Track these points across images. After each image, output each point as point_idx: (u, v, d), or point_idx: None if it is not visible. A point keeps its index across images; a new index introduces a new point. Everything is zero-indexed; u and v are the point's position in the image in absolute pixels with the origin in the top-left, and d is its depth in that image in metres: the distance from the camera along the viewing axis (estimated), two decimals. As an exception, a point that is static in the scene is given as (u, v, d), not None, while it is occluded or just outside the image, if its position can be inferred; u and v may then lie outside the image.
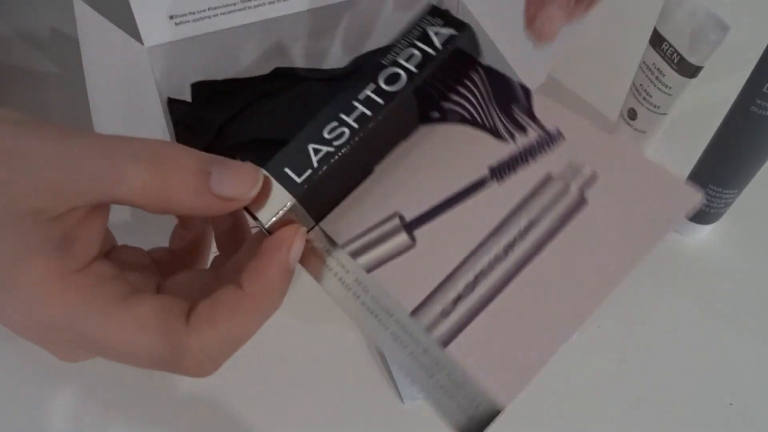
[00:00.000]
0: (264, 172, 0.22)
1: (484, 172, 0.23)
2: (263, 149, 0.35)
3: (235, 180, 0.21)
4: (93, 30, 0.30)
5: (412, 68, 0.23)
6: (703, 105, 0.38)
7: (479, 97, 0.24)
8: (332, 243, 0.23)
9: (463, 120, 0.24)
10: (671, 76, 0.36)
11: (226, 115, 0.36)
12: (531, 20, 0.24)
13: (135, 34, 0.33)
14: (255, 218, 0.22)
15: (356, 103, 0.23)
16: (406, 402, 0.32)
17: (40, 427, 0.31)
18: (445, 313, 0.21)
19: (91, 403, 0.31)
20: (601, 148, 0.22)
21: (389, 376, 0.33)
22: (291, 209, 0.22)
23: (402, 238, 0.22)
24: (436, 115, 0.24)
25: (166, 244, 0.25)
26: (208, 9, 0.34)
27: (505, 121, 0.23)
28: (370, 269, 0.22)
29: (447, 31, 0.23)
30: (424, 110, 0.24)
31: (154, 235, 0.26)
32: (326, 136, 0.23)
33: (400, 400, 0.32)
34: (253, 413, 0.32)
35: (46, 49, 0.45)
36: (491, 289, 0.21)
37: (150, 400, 0.32)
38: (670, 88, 0.36)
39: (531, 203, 0.22)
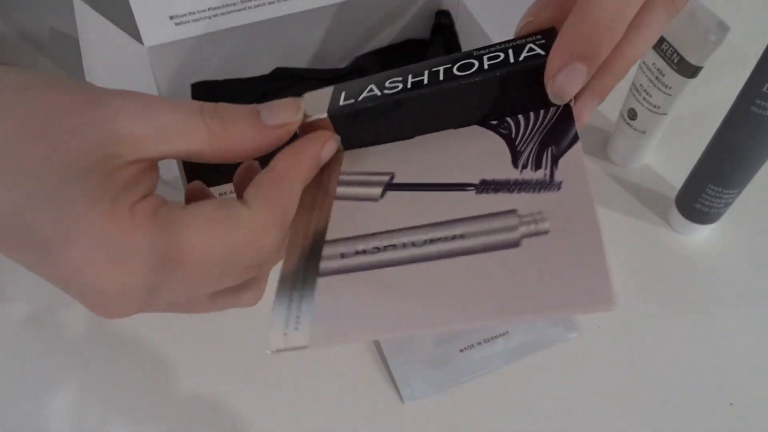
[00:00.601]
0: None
1: (474, 179, 0.23)
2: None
3: (280, 110, 0.23)
4: (93, 30, 0.30)
5: (486, 65, 0.23)
6: (703, 105, 0.38)
7: (534, 125, 0.24)
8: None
9: (500, 133, 0.24)
10: (671, 76, 0.36)
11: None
12: (552, 74, 0.22)
13: (135, 34, 0.33)
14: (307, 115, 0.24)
15: (426, 70, 0.24)
16: (406, 402, 0.32)
17: (40, 427, 0.31)
18: (343, 256, 0.22)
19: (91, 403, 0.31)
20: (575, 216, 0.21)
21: (389, 376, 0.33)
22: (323, 120, 0.24)
23: (375, 191, 0.24)
24: (493, 122, 0.25)
25: None
26: (208, 9, 0.34)
27: (532, 154, 0.23)
28: (337, 197, 0.24)
29: (539, 50, 0.23)
30: (487, 114, 0.24)
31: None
32: (387, 84, 0.24)
33: (400, 400, 0.32)
34: (253, 413, 0.32)
35: (46, 49, 0.45)
36: (386, 262, 0.22)
37: (150, 400, 0.32)
38: (670, 88, 0.36)
39: (479, 221, 0.22)
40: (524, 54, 0.23)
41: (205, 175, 0.35)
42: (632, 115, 0.39)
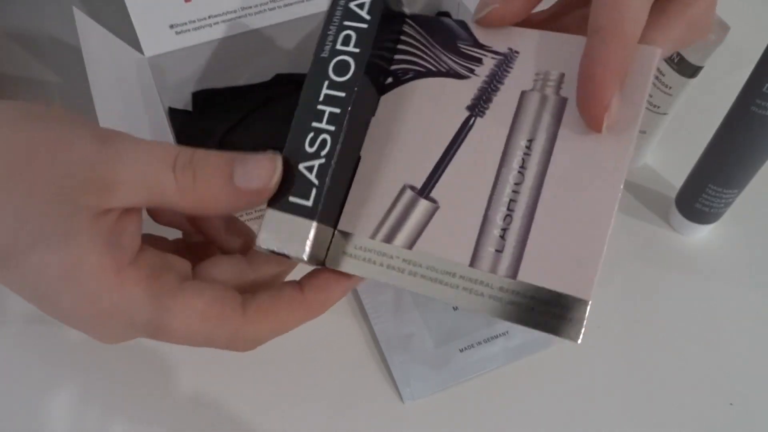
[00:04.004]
0: (281, 163, 0.23)
1: (463, 114, 0.23)
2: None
3: (255, 172, 0.22)
4: (94, 40, 0.30)
5: (354, 49, 0.23)
6: (703, 105, 0.38)
7: (422, 47, 0.24)
8: (360, 240, 0.24)
9: (418, 75, 0.24)
10: (671, 76, 0.36)
11: (228, 123, 0.37)
12: (605, 109, 0.21)
13: (135, 44, 0.34)
14: (290, 257, 0.23)
15: (321, 107, 0.23)
16: (406, 402, 0.33)
17: (40, 427, 0.31)
18: (499, 250, 0.22)
19: (91, 403, 0.32)
20: (555, 48, 0.23)
21: (389, 376, 0.33)
22: (317, 232, 0.23)
23: (423, 204, 0.23)
24: (390, 80, 0.25)
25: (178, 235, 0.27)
26: (209, 17, 0.34)
27: (458, 60, 0.24)
28: (411, 245, 0.23)
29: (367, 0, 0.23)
30: (377, 81, 0.24)
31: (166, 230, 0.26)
32: (310, 150, 0.23)
33: (400, 400, 0.33)
34: (253, 413, 0.32)
35: (47, 57, 0.45)
36: (527, 209, 0.22)
37: (150, 400, 0.32)
38: (670, 88, 0.36)
39: (520, 123, 0.23)
40: (361, 11, 0.23)
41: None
42: (632, 115, 0.39)
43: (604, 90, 0.21)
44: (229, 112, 0.37)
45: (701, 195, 0.36)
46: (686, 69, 0.35)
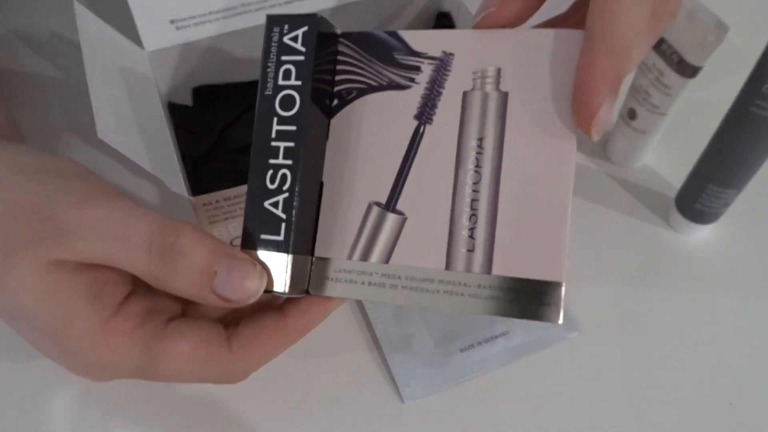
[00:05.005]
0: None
1: (412, 123, 0.24)
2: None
3: (237, 285, 0.22)
4: (94, 34, 0.30)
5: (296, 82, 0.23)
6: (703, 105, 0.38)
7: (360, 63, 0.25)
8: (339, 262, 0.24)
9: (362, 92, 0.25)
10: (671, 76, 0.36)
11: (228, 119, 0.37)
12: (594, 112, 0.21)
13: (136, 38, 0.33)
14: (272, 292, 0.23)
15: (275, 143, 0.23)
16: (406, 402, 0.32)
17: (40, 427, 0.31)
18: (470, 249, 0.23)
19: (91, 403, 0.32)
20: (488, 44, 0.23)
21: (389, 376, 0.33)
22: (294, 263, 0.23)
23: (391, 218, 0.24)
24: (335, 102, 0.25)
25: None
26: (209, 13, 0.34)
27: (397, 71, 0.24)
28: (387, 259, 0.24)
29: (300, 30, 0.24)
30: (323, 106, 0.25)
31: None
32: (272, 187, 0.23)
33: (400, 400, 0.33)
34: (252, 413, 0.32)
35: (47, 52, 0.45)
36: (489, 206, 0.23)
37: (150, 400, 0.32)
38: (670, 88, 0.36)
39: (468, 123, 0.23)
40: (295, 44, 0.23)
41: (207, 179, 0.35)
42: (632, 115, 0.39)
43: (591, 97, 0.21)
44: (228, 108, 0.37)
45: (701, 195, 0.36)
46: (686, 69, 0.35)
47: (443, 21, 0.41)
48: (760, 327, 0.35)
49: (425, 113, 0.24)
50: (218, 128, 0.36)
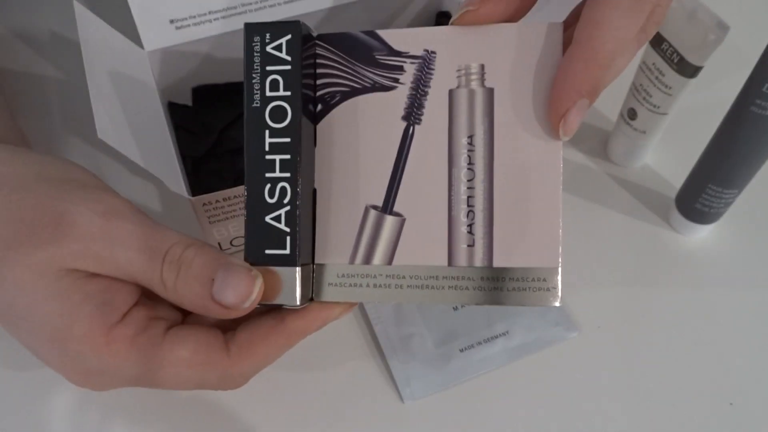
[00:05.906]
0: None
1: (401, 125, 0.24)
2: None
3: (233, 291, 0.22)
4: (94, 34, 0.30)
5: (285, 93, 0.23)
6: (703, 105, 0.38)
7: (341, 66, 0.24)
8: (341, 268, 0.24)
9: (345, 96, 0.25)
10: (671, 76, 0.36)
11: (228, 119, 0.37)
12: (562, 114, 0.22)
13: (136, 38, 0.33)
14: (282, 306, 0.23)
15: (269, 156, 0.23)
16: (406, 402, 0.32)
17: (40, 427, 0.31)
18: (470, 245, 0.23)
19: (91, 403, 0.32)
20: (470, 40, 0.23)
21: (389, 376, 0.33)
22: (302, 275, 0.23)
23: (390, 220, 0.24)
24: (319, 107, 0.25)
25: None
26: (209, 13, 0.34)
27: (379, 72, 0.24)
28: (389, 261, 0.24)
29: (283, 39, 0.23)
30: (309, 112, 0.24)
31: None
32: (271, 201, 0.23)
33: (400, 400, 0.33)
34: (252, 413, 0.32)
35: (47, 52, 0.45)
36: (485, 202, 0.23)
37: (150, 400, 0.32)
38: (670, 88, 0.36)
39: (456, 121, 0.24)
40: (280, 53, 0.23)
41: (207, 179, 0.35)
42: (632, 115, 0.39)
43: (559, 102, 0.22)
44: (228, 108, 0.37)
45: (701, 195, 0.36)
46: (686, 69, 0.35)
47: (443, 20, 0.41)
48: (760, 327, 0.35)
49: (413, 114, 0.24)
50: (218, 128, 0.36)
